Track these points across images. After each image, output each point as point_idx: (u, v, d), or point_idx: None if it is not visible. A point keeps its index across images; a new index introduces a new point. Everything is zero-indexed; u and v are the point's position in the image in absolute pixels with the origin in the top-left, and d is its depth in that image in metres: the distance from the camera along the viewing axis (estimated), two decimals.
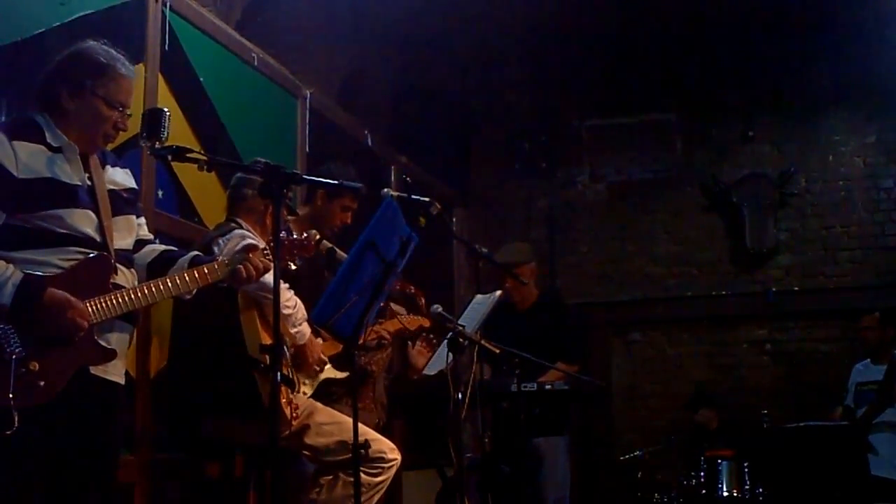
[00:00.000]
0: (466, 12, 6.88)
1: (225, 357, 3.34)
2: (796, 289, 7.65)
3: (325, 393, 3.68)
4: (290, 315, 3.31)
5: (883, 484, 5.37)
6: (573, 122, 8.27)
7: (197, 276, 2.71)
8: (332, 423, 3.49)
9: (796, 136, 7.84)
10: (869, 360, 6.06)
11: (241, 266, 2.75)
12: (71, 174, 2.59)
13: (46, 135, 2.58)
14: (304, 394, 3.56)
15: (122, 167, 2.85)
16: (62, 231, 2.53)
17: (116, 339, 2.61)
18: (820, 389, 6.81)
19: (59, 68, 2.66)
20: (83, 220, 2.57)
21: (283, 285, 3.26)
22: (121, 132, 2.73)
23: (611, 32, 7.66)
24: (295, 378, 3.50)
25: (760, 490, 5.54)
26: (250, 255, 2.77)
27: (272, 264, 2.77)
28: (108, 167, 2.76)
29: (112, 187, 2.72)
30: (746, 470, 5.64)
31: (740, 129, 7.92)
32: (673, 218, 8.01)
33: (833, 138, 7.78)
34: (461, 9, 6.80)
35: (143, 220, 2.88)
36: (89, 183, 2.63)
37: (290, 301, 3.34)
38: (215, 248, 3.29)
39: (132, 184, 2.84)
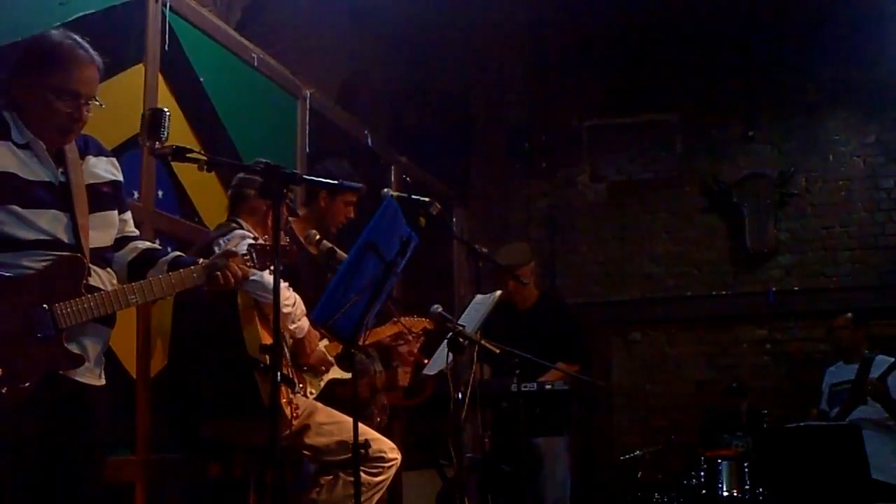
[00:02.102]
0: (466, 12, 6.88)
1: (225, 357, 3.33)
2: (796, 289, 7.65)
3: (328, 396, 3.69)
4: (289, 313, 3.31)
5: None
6: (573, 122, 8.28)
7: (173, 281, 2.59)
8: (333, 423, 3.50)
9: (796, 136, 7.85)
10: (841, 361, 6.07)
11: (218, 273, 2.63)
12: (40, 172, 2.48)
13: (12, 132, 2.48)
14: (311, 393, 3.57)
15: (108, 156, 2.71)
16: (29, 237, 2.42)
17: (90, 343, 2.51)
18: (820, 389, 6.81)
19: (14, 62, 2.54)
20: (50, 222, 2.46)
21: (282, 284, 3.26)
22: (80, 123, 2.53)
23: (611, 33, 7.67)
24: (296, 378, 3.50)
25: (760, 490, 5.54)
26: (229, 262, 2.65)
27: (251, 270, 2.72)
28: (91, 158, 2.63)
29: (92, 181, 2.59)
30: (746, 470, 5.64)
31: (740, 129, 7.93)
32: (673, 218, 8.02)
33: (833, 138, 7.79)
34: (461, 9, 6.80)
35: (128, 214, 2.75)
36: (62, 179, 2.51)
37: (289, 299, 3.33)
38: (216, 249, 3.27)
39: (114, 176, 2.69)
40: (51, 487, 2.46)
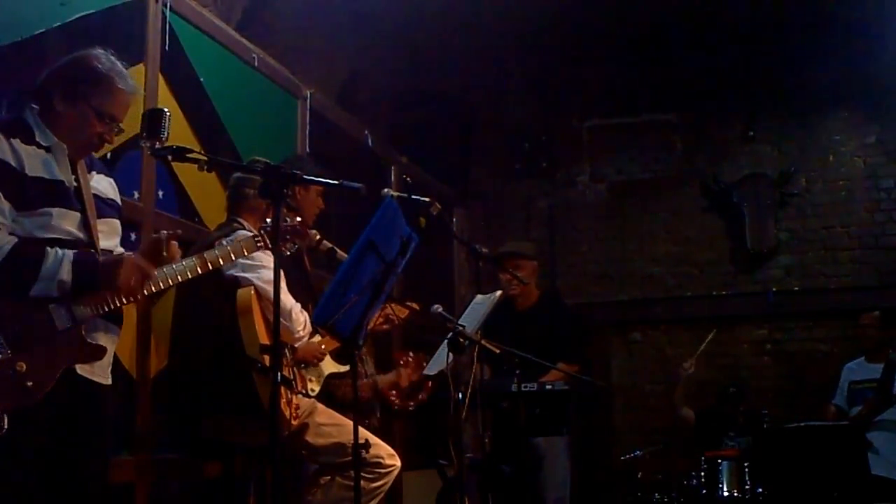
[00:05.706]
0: (466, 12, 6.87)
1: (223, 357, 3.33)
2: (796, 289, 7.64)
3: (328, 395, 3.69)
4: (291, 329, 3.31)
5: (882, 483, 5.37)
6: (573, 122, 8.26)
7: (175, 268, 2.75)
8: (332, 425, 3.50)
9: (796, 136, 7.84)
10: (863, 358, 6.05)
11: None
12: (59, 174, 2.59)
13: (36, 134, 2.59)
14: (313, 391, 3.56)
15: (109, 177, 2.86)
16: (47, 236, 2.52)
17: (104, 341, 2.60)
18: (820, 389, 6.81)
19: (57, 69, 2.66)
20: (70, 221, 2.57)
21: (298, 307, 3.29)
22: (106, 144, 2.74)
23: (611, 32, 7.65)
24: (298, 377, 3.50)
25: (760, 490, 5.53)
26: None
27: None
28: (94, 174, 2.77)
29: (95, 193, 2.73)
30: (746, 470, 5.63)
31: (740, 129, 7.92)
32: (673, 218, 8.01)
33: (833, 138, 7.78)
34: (461, 9, 6.79)
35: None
36: (75, 184, 2.63)
37: (300, 312, 3.35)
38: None
39: (114, 196, 2.85)
40: (59, 484, 2.51)
